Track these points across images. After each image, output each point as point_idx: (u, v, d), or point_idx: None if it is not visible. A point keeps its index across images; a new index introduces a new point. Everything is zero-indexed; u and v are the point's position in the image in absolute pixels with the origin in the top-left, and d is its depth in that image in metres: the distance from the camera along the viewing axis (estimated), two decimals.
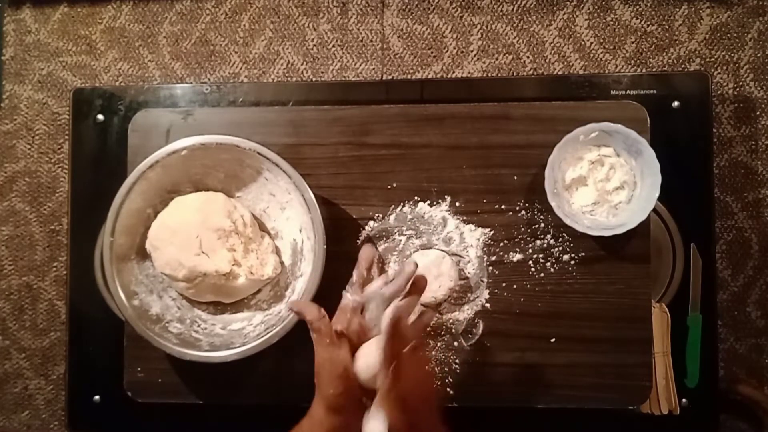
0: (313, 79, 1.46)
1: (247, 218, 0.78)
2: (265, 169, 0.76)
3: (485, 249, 0.81)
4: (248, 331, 0.75)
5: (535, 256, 0.80)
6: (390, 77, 1.45)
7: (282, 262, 0.80)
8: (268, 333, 0.71)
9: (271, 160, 0.73)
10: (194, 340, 0.74)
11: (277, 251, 0.80)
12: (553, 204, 0.76)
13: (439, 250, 0.80)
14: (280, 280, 0.80)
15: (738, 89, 1.38)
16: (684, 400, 0.84)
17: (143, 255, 0.77)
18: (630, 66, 1.40)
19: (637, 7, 1.41)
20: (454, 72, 1.44)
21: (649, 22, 1.40)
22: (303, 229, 0.77)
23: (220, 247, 0.74)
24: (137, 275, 0.76)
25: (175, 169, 0.76)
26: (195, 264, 0.72)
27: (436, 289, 0.77)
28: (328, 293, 0.81)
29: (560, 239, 0.80)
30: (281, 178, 0.74)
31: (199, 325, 0.77)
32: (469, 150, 0.81)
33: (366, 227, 0.82)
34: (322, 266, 0.72)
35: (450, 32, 1.44)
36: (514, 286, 0.80)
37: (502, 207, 0.81)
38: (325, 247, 0.72)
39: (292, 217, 0.79)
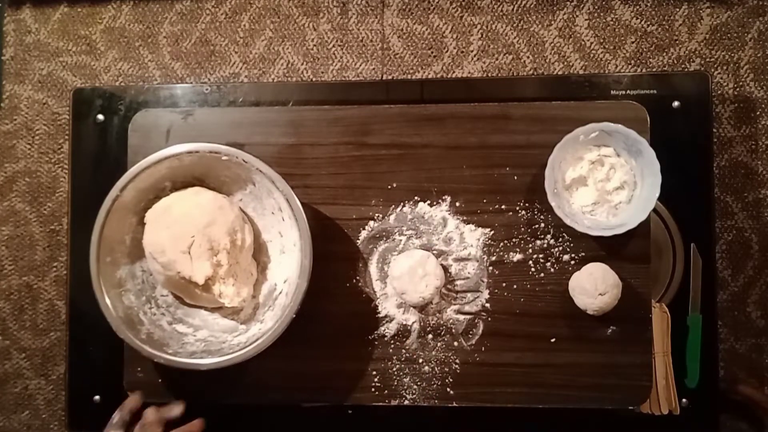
0: (313, 79, 1.46)
1: (248, 243, 0.76)
2: (285, 216, 0.75)
3: (485, 249, 0.81)
4: (193, 338, 0.77)
5: (535, 256, 0.80)
6: (390, 77, 1.45)
7: (254, 297, 0.79)
8: (258, 341, 0.71)
9: (297, 218, 0.72)
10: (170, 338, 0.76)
11: (257, 284, 0.79)
12: (553, 204, 0.76)
13: (423, 250, 0.80)
14: (243, 312, 0.79)
15: (738, 89, 1.38)
16: (684, 400, 0.84)
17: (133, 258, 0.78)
18: (630, 66, 1.40)
19: (637, 7, 1.41)
20: (454, 72, 1.44)
21: (649, 22, 1.40)
22: (287, 281, 0.76)
23: (206, 258, 0.73)
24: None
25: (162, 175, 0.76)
26: (176, 259, 0.72)
27: (423, 289, 0.77)
28: (325, 294, 0.81)
29: (560, 239, 0.80)
30: (295, 229, 0.73)
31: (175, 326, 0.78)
32: (469, 150, 0.81)
33: (366, 227, 0.82)
34: (284, 327, 0.71)
35: (450, 32, 1.44)
36: (514, 286, 0.80)
37: (502, 207, 0.81)
38: (294, 315, 0.71)
39: (284, 266, 0.78)
